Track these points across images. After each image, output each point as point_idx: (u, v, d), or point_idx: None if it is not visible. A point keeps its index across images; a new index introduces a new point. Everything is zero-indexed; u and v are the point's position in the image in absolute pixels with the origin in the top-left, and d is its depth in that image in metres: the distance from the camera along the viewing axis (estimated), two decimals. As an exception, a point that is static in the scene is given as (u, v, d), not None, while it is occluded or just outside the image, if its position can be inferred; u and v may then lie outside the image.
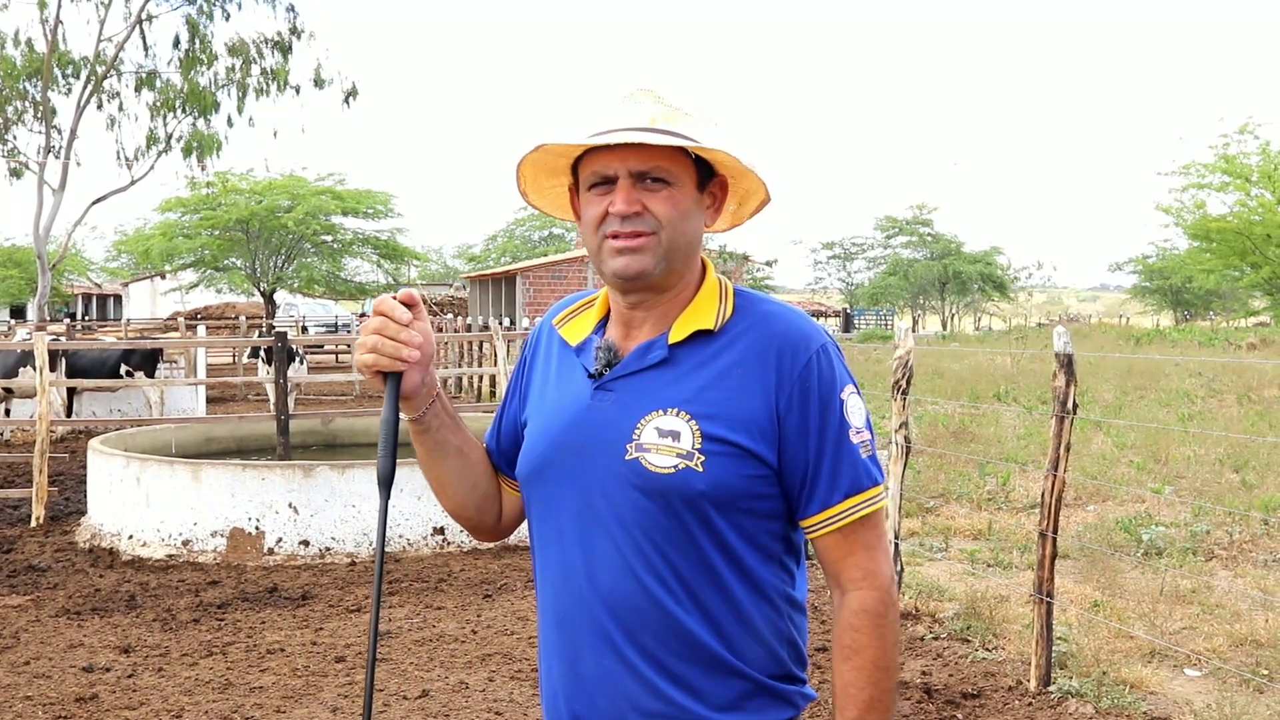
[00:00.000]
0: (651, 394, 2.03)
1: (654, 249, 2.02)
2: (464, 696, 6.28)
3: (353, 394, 25.62)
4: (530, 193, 2.22)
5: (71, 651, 7.10)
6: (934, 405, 17.95)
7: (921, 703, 6.12)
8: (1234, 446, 13.96)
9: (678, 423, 1.99)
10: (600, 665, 2.04)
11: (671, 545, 2.00)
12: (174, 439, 12.57)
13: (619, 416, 2.03)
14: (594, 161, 2.04)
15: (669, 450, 1.98)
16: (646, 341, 2.09)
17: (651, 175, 2.01)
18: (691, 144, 2.00)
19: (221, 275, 46.82)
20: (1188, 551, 9.22)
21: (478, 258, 66.13)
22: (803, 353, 2.01)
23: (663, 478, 1.98)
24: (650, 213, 2.01)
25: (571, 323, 2.20)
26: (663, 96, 2.06)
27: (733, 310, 2.08)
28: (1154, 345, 33.42)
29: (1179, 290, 64.43)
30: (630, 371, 2.07)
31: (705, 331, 2.05)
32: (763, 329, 2.05)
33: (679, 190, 2.03)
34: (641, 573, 2.01)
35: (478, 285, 46.34)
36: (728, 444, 1.98)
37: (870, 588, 2.01)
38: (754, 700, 2.04)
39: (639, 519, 2.00)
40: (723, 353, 2.04)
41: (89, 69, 24.78)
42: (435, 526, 9.60)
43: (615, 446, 2.02)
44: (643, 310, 2.10)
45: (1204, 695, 6.16)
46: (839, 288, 73.68)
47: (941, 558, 9.29)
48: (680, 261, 2.06)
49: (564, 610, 2.09)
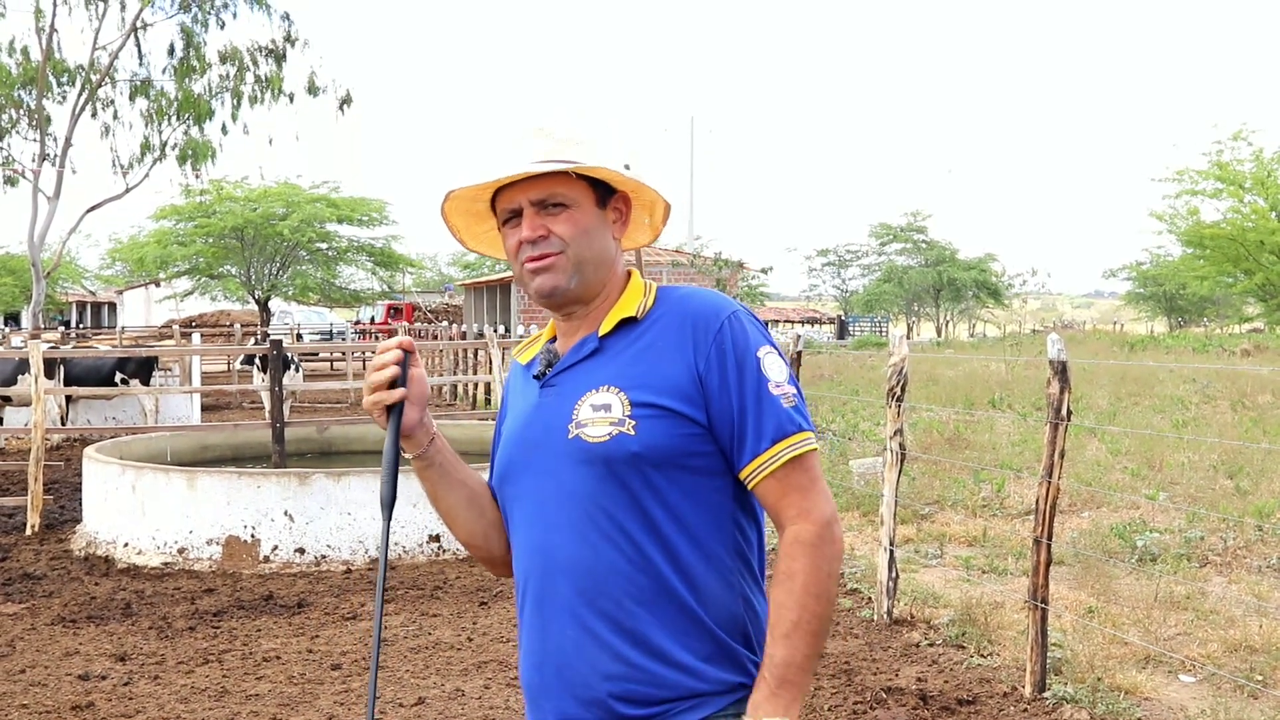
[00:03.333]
0: (587, 379, 2.23)
1: (563, 265, 2.24)
2: (460, 704, 6.29)
3: (348, 401, 25.61)
4: (468, 240, 2.48)
5: (67, 659, 7.10)
6: (929, 412, 17.97)
7: (917, 709, 6.13)
8: (1228, 453, 13.98)
9: (609, 396, 2.18)
10: (564, 634, 2.19)
11: (619, 510, 2.15)
12: (169, 447, 12.57)
13: (560, 404, 2.24)
14: (501, 199, 2.28)
15: (603, 421, 2.17)
16: (581, 339, 2.30)
17: (549, 201, 2.23)
18: (570, 166, 2.20)
19: (216, 283, 46.74)
20: (1182, 558, 9.23)
21: (472, 265, 66.13)
22: (714, 320, 2.19)
23: (599, 446, 2.16)
24: (555, 234, 2.23)
25: (527, 349, 2.44)
26: (553, 132, 2.25)
27: (654, 301, 2.28)
28: (1148, 352, 33.48)
29: (1173, 297, 64.54)
30: (568, 365, 2.28)
31: (630, 320, 2.26)
32: (679, 308, 2.24)
33: (577, 210, 2.24)
34: (594, 539, 2.16)
35: (473, 293, 46.37)
36: (655, 407, 2.15)
37: (806, 521, 2.14)
38: (709, 661, 2.17)
39: (586, 489, 2.17)
40: (645, 334, 2.24)
41: (84, 77, 24.78)
42: (431, 534, 9.61)
43: (560, 430, 2.21)
44: (575, 320, 2.31)
45: (1198, 701, 6.18)
46: (834, 295, 73.80)
47: (936, 564, 9.30)
48: (592, 273, 2.26)
49: (535, 589, 2.25)
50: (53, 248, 31.68)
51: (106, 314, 62.34)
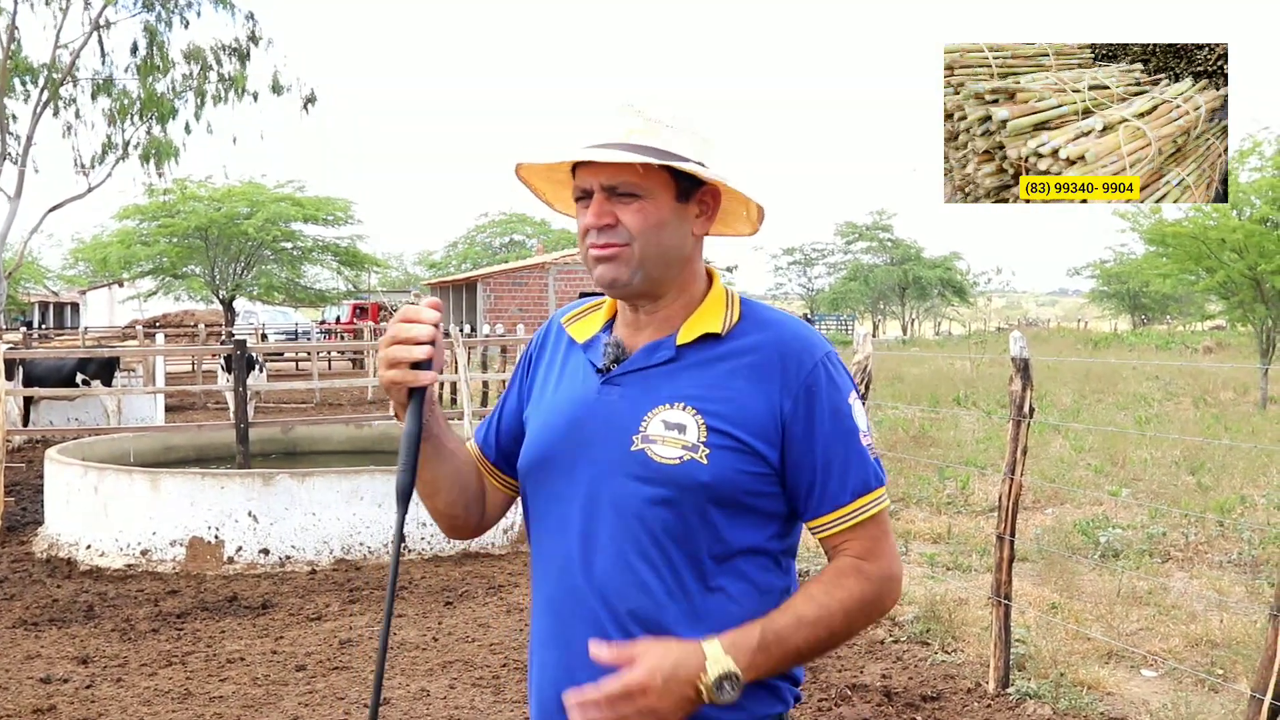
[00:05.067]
0: (659, 389, 2.08)
1: (627, 259, 2.07)
2: (425, 704, 6.27)
3: (313, 402, 25.51)
4: (555, 204, 2.31)
5: (29, 663, 7.04)
6: (894, 410, 18.05)
7: (881, 705, 6.15)
8: (1190, 449, 14.11)
9: (684, 416, 2.04)
10: (590, 656, 2.04)
11: (669, 537, 2.03)
12: (132, 448, 12.47)
13: (626, 410, 2.08)
14: (577, 175, 2.11)
15: (675, 442, 2.02)
16: (654, 340, 2.13)
17: (621, 189, 2.06)
18: (638, 158, 2.03)
19: (180, 282, 46.35)
20: (1144, 553, 9.30)
21: (438, 264, 66.01)
22: (808, 359, 2.07)
23: (667, 468, 2.02)
24: (623, 225, 2.07)
25: (580, 322, 2.26)
26: (644, 109, 2.10)
27: (739, 317, 2.13)
28: (1111, 349, 33.72)
29: (1136, 295, 64.90)
30: (638, 368, 2.11)
31: (712, 335, 2.10)
32: (768, 335, 2.09)
33: (651, 202, 2.07)
34: (637, 564, 2.04)
35: (438, 292, 46.24)
36: (732, 439, 2.02)
37: (875, 565, 2.07)
38: (744, 694, 2.02)
39: (639, 510, 2.04)
40: (729, 355, 2.08)
41: (46, 76, 24.59)
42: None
43: (622, 438, 2.06)
44: (644, 314, 2.15)
45: (1160, 695, 6.23)
46: (799, 293, 73.96)
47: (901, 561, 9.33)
48: (660, 270, 2.10)
49: (560, 601, 2.12)
50: (14, 247, 31.41)
51: (70, 314, 61.84)
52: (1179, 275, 24.57)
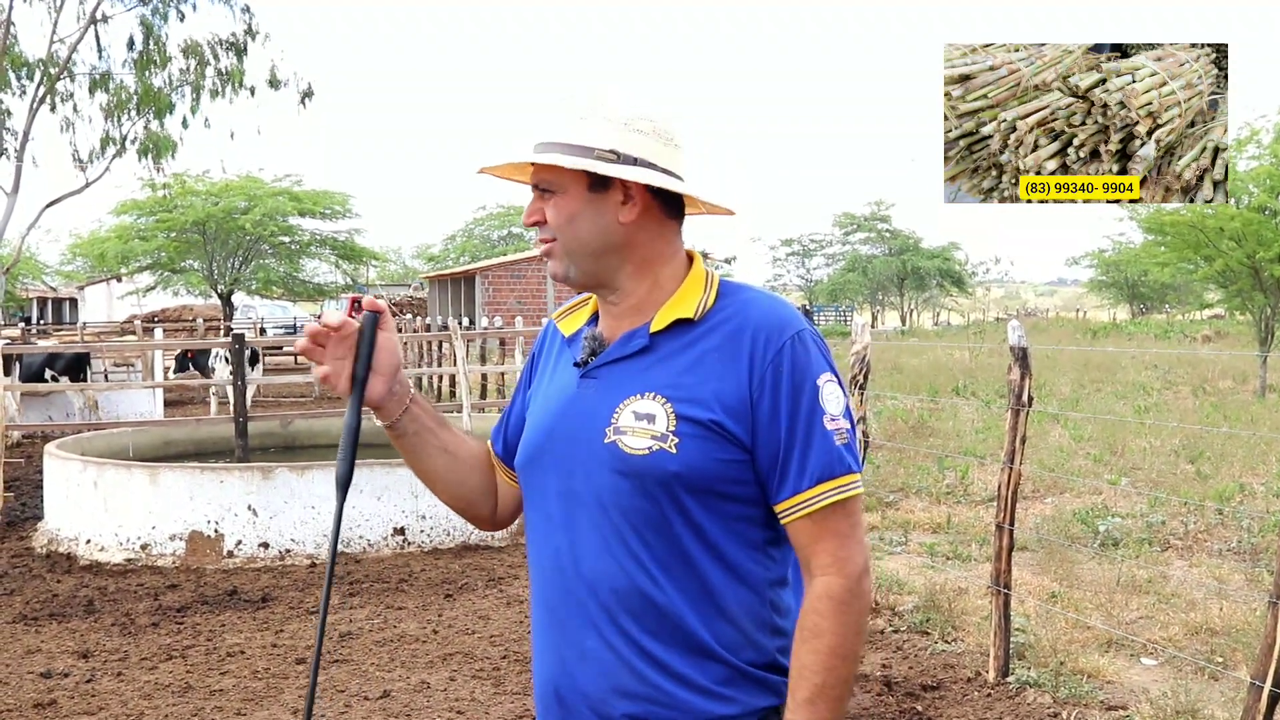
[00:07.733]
0: (631, 380, 2.08)
1: (558, 254, 2.12)
2: (425, 696, 6.28)
3: (312, 395, 25.48)
4: None
5: (29, 657, 7.04)
6: (893, 400, 18.04)
7: (882, 695, 6.16)
8: (1189, 437, 14.11)
9: (654, 406, 2.03)
10: (584, 647, 2.08)
11: (648, 528, 2.03)
12: (131, 442, 12.47)
13: (600, 402, 2.08)
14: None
15: (644, 433, 2.02)
16: (629, 330, 2.13)
17: (542, 185, 2.11)
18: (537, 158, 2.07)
19: (178, 277, 46.38)
20: (1144, 542, 9.31)
21: (437, 257, 65.90)
22: (776, 338, 2.03)
23: (637, 459, 2.02)
24: (547, 221, 2.11)
25: (569, 317, 2.27)
26: (567, 102, 2.11)
27: (715, 299, 2.10)
28: (1110, 338, 33.72)
29: (1135, 284, 64.85)
30: (613, 359, 2.11)
31: (686, 320, 2.09)
32: (741, 315, 2.07)
33: (564, 196, 2.09)
34: (620, 555, 2.04)
35: (437, 285, 46.20)
36: (700, 425, 2.00)
37: (838, 574, 2.01)
38: (733, 686, 2.04)
39: (617, 501, 2.04)
40: (701, 339, 2.07)
41: (42, 70, 24.54)
42: (396, 527, 9.58)
43: (596, 431, 2.07)
44: (613, 304, 2.15)
45: (1160, 684, 6.23)
46: (798, 284, 73.88)
47: (901, 551, 9.34)
48: (590, 263, 2.11)
49: (552, 594, 2.13)
50: (12, 243, 31.36)
51: (68, 310, 61.80)
52: (1177, 264, 24.56)
